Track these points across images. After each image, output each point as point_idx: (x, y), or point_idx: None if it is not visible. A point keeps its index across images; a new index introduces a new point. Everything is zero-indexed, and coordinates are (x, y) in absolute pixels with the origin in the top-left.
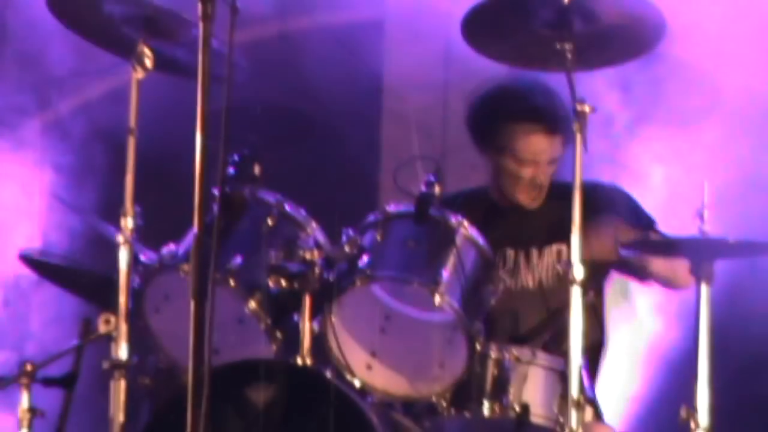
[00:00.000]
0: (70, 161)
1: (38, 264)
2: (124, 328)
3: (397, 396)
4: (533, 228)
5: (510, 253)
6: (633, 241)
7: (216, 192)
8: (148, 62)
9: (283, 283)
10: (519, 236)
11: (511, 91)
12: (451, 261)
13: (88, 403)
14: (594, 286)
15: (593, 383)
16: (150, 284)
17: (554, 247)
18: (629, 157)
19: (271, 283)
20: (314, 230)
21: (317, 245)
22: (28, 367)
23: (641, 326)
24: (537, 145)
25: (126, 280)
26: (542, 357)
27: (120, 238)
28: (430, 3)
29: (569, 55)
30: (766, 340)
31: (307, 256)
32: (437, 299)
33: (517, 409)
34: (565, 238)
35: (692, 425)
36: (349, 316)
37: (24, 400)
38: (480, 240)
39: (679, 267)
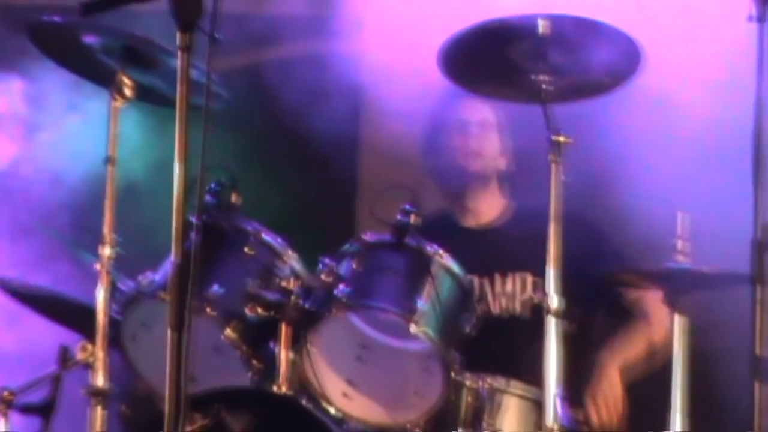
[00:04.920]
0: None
1: (16, 291)
2: (101, 355)
3: (373, 424)
4: (497, 252)
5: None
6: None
7: (194, 220)
8: (128, 91)
9: (261, 311)
10: (483, 262)
11: None
12: (427, 290)
13: (66, 430)
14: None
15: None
16: (128, 312)
17: (518, 276)
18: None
19: (248, 311)
20: (291, 258)
21: (294, 274)
22: (6, 394)
23: None
24: (462, 109)
25: (104, 308)
26: (517, 385)
27: (98, 266)
28: (408, 34)
29: (545, 87)
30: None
31: (285, 284)
32: (413, 328)
33: None
34: (529, 267)
35: None
36: (326, 344)
37: (1, 427)
38: (456, 268)
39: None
